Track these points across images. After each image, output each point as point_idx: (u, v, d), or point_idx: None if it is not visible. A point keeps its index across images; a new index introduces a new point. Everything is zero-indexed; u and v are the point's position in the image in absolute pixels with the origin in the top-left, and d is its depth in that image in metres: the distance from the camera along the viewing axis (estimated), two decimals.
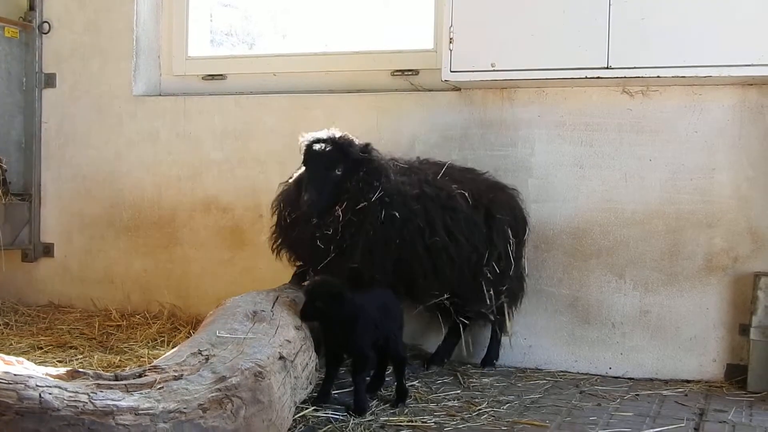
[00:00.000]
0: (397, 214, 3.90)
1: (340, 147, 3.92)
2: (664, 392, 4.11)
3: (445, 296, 4.16)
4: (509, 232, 4.22)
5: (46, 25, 5.70)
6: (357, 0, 5.47)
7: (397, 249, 3.94)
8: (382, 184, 3.90)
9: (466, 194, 4.15)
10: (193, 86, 5.55)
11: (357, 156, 3.94)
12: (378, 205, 3.86)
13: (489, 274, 4.16)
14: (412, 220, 3.97)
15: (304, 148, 3.96)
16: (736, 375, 4.30)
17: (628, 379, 4.42)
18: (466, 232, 4.09)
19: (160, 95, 5.59)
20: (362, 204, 3.84)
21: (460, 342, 4.54)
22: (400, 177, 4.09)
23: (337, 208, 3.85)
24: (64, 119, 5.71)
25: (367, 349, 3.55)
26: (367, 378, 3.99)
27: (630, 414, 3.70)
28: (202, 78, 5.54)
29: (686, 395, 4.08)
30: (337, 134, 3.98)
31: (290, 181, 4.14)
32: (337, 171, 3.89)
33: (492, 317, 4.34)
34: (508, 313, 4.37)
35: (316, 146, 3.93)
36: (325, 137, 3.95)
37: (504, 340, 4.54)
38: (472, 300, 4.21)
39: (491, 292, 4.18)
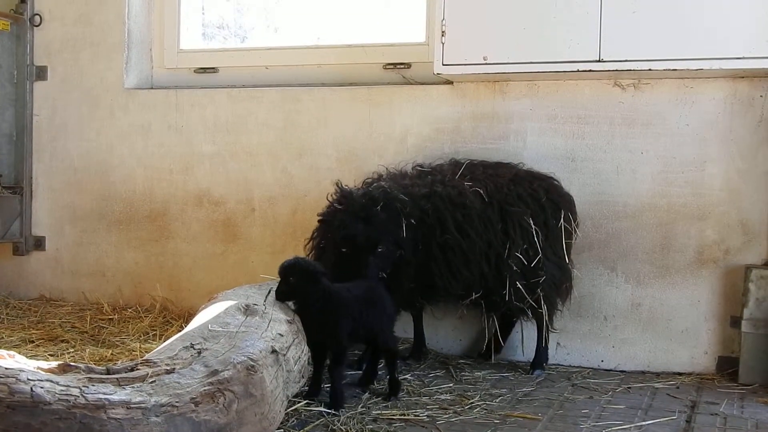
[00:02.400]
0: (413, 221, 3.94)
1: (374, 228, 3.86)
2: (656, 385, 4.13)
3: (474, 294, 4.14)
4: (530, 221, 4.12)
5: (37, 18, 5.67)
6: None
7: (419, 250, 3.99)
8: (403, 213, 3.91)
9: (481, 191, 4.13)
10: (184, 79, 5.53)
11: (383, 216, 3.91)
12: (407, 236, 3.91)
13: (515, 267, 4.09)
14: (425, 220, 4.00)
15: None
16: (727, 367, 4.32)
17: (620, 371, 4.43)
18: (479, 228, 4.07)
19: (151, 88, 5.57)
20: (399, 252, 3.91)
21: (512, 341, 4.53)
22: (413, 180, 4.17)
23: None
24: (55, 112, 5.68)
25: (344, 340, 3.51)
26: (359, 371, 4.02)
27: (622, 406, 3.71)
28: (194, 71, 5.53)
29: (678, 388, 4.10)
30: (361, 205, 3.91)
31: None
32: (379, 248, 3.86)
33: (530, 312, 4.22)
34: (546, 305, 4.20)
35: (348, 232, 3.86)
36: (354, 217, 3.87)
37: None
38: (501, 295, 4.11)
39: (518, 285, 4.08)
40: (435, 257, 4.03)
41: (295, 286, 3.45)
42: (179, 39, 5.57)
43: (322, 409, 3.41)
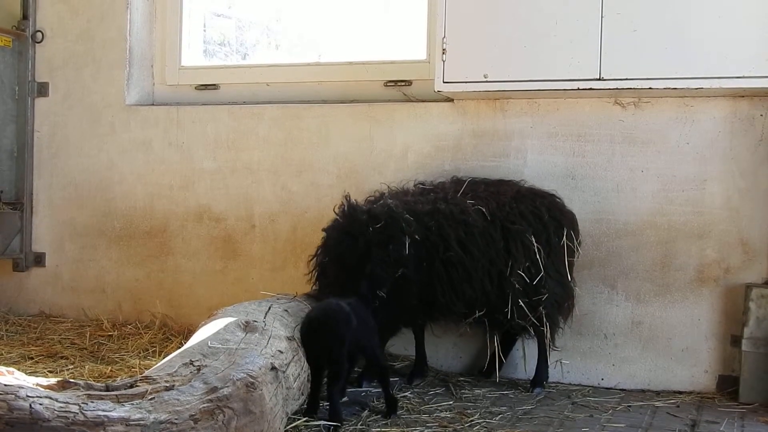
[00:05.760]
0: (417, 237, 3.96)
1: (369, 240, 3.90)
2: (656, 403, 4.11)
3: (478, 312, 4.14)
4: (532, 239, 4.13)
5: (39, 34, 5.69)
6: (350, 11, 5.49)
7: (421, 267, 4.00)
8: (406, 230, 3.93)
9: (483, 209, 4.14)
10: (186, 96, 5.55)
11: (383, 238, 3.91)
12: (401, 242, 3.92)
13: (518, 285, 4.09)
14: (429, 238, 4.02)
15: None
16: (727, 386, 4.30)
17: (620, 390, 4.41)
18: (482, 246, 4.08)
19: (153, 104, 5.59)
20: (401, 271, 3.91)
21: (513, 359, 4.54)
22: (416, 197, 4.19)
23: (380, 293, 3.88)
24: (56, 128, 5.69)
25: (344, 360, 3.53)
26: (359, 388, 4.01)
27: (622, 425, 3.70)
28: (195, 88, 5.54)
29: (678, 406, 4.08)
30: (358, 222, 3.96)
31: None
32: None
33: (532, 330, 4.23)
34: (548, 323, 4.19)
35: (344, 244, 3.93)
36: (347, 231, 3.94)
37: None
38: (503, 313, 4.11)
39: (521, 303, 4.09)
40: (438, 274, 4.04)
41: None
42: (180, 56, 5.58)
43: (323, 422, 3.40)
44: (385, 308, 3.88)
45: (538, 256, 4.11)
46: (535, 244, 4.12)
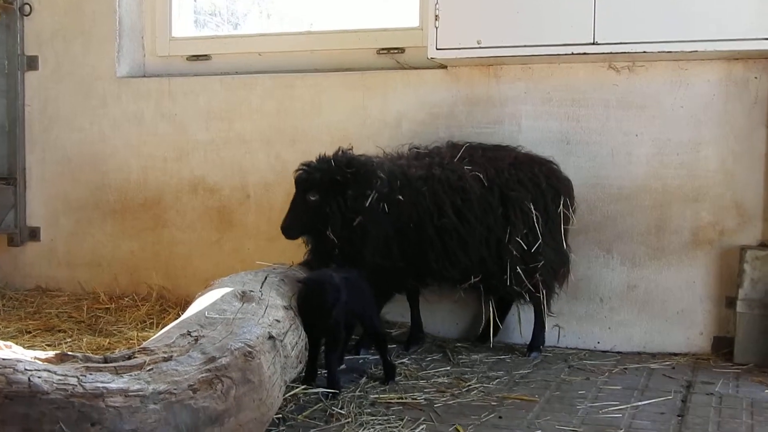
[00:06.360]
0: (401, 198, 3.97)
1: (313, 172, 3.96)
2: (652, 365, 4.14)
3: (473, 278, 4.15)
4: (531, 206, 4.13)
5: (27, 7, 5.63)
6: None
7: (410, 231, 4.00)
8: (375, 186, 3.94)
9: (481, 175, 4.13)
10: (177, 67, 5.51)
11: (334, 178, 3.94)
12: (378, 201, 3.94)
13: (515, 252, 4.11)
14: (421, 203, 4.02)
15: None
16: (722, 347, 4.34)
17: (616, 353, 4.45)
18: (479, 213, 4.08)
19: (144, 76, 5.55)
20: (358, 219, 3.92)
21: (509, 324, 4.56)
22: (410, 161, 4.18)
23: (328, 233, 3.92)
24: (47, 102, 5.66)
25: (340, 328, 3.56)
26: (357, 356, 4.02)
27: (618, 387, 3.73)
28: (187, 59, 5.50)
29: (674, 368, 4.11)
30: (324, 158, 4.02)
31: None
32: (311, 197, 3.95)
33: (527, 296, 4.25)
34: (544, 290, 4.23)
35: (298, 172, 4.01)
36: (307, 163, 4.01)
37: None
38: (501, 279, 4.14)
39: (518, 270, 4.11)
40: (431, 241, 4.04)
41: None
42: (171, 26, 5.54)
43: (321, 390, 3.42)
44: (343, 254, 3.94)
45: (536, 224, 4.12)
46: (533, 211, 4.13)
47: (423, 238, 4.05)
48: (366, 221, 3.93)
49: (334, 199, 3.93)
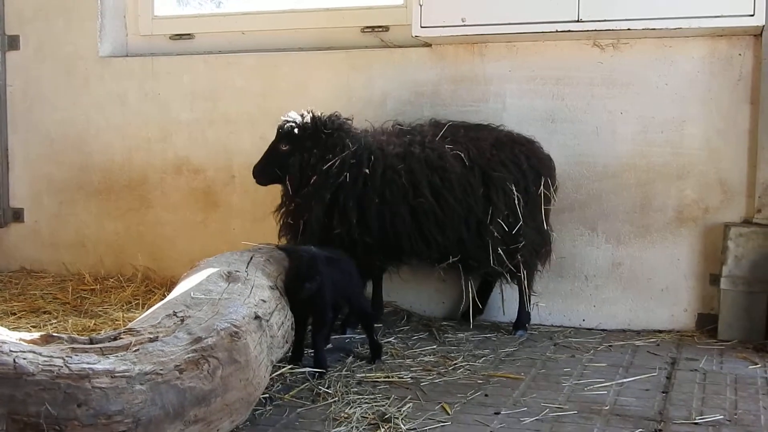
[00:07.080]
0: (367, 171, 3.97)
1: (291, 123, 4.07)
2: (637, 342, 4.18)
3: (452, 258, 4.16)
4: (512, 188, 4.13)
5: None
6: None
7: (379, 208, 3.99)
8: (337, 153, 3.99)
9: (462, 155, 4.12)
10: (160, 46, 5.46)
11: (306, 134, 4.04)
12: (339, 168, 3.97)
13: (496, 233, 4.10)
14: (395, 180, 4.00)
15: None
16: (706, 324, 4.37)
17: (602, 330, 4.47)
18: (458, 193, 4.07)
19: (127, 56, 5.50)
20: (314, 178, 3.98)
21: (494, 302, 4.58)
22: (390, 138, 4.18)
23: (286, 183, 4.07)
24: (29, 82, 5.60)
25: (326, 307, 3.56)
26: (344, 335, 4.03)
27: (603, 364, 3.75)
28: (170, 38, 5.46)
29: (658, 345, 4.15)
30: (305, 113, 4.11)
31: None
32: (282, 147, 4.08)
33: (509, 276, 4.28)
34: (526, 270, 4.24)
35: (279, 123, 4.13)
36: (292, 117, 4.11)
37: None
38: (481, 260, 4.14)
39: (500, 250, 4.12)
40: (403, 219, 4.03)
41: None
42: (153, 5, 5.48)
43: (308, 369, 3.43)
44: (298, 210, 4.05)
45: (517, 205, 4.12)
46: (515, 192, 4.13)
47: (395, 215, 4.03)
48: (318, 184, 3.97)
49: (301, 154, 4.03)
